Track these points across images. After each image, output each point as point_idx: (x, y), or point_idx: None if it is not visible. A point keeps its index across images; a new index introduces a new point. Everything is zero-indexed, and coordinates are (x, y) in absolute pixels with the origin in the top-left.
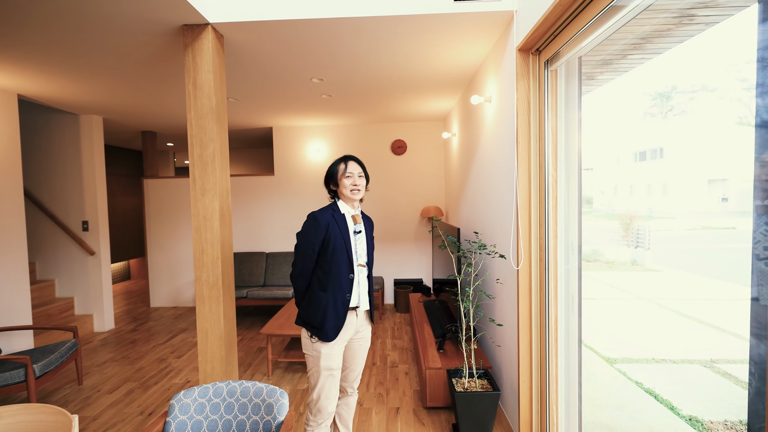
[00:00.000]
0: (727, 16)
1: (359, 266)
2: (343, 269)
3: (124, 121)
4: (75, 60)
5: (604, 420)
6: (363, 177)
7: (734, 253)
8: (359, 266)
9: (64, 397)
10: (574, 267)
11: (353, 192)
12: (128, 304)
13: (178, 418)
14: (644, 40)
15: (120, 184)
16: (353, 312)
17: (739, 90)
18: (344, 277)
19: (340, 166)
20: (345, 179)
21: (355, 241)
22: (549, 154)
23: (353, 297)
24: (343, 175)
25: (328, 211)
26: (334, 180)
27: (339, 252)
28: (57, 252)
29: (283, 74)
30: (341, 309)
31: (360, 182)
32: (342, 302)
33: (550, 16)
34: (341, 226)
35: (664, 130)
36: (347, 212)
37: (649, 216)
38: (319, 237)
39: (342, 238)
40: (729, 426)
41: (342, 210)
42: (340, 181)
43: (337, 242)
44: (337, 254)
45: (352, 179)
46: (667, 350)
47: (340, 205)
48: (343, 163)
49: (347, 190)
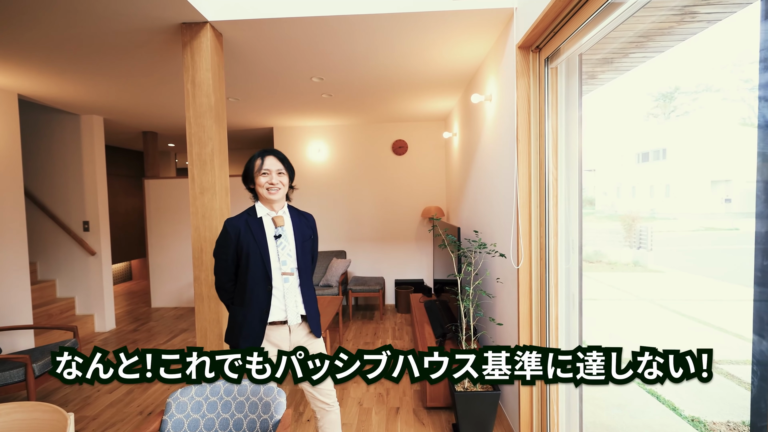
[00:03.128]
0: (729, 14)
1: (284, 275)
2: (259, 281)
3: (125, 122)
4: (75, 60)
5: (605, 420)
6: (284, 174)
7: (737, 255)
8: (284, 275)
9: (64, 396)
10: (574, 266)
11: (270, 191)
12: (129, 305)
13: (175, 416)
14: (645, 38)
15: (121, 184)
16: (281, 327)
17: (742, 91)
18: (260, 290)
19: (255, 162)
20: (260, 177)
21: (277, 246)
22: (549, 153)
23: (276, 311)
24: (259, 173)
25: (241, 216)
26: (250, 178)
27: (253, 262)
28: (58, 252)
29: (283, 73)
30: (258, 326)
31: (279, 180)
32: (260, 319)
33: (550, 13)
34: (255, 232)
35: (667, 131)
36: (266, 214)
37: (652, 217)
38: (230, 248)
39: (256, 244)
40: (732, 427)
41: (259, 213)
42: (255, 179)
43: (250, 250)
44: (251, 265)
45: (269, 177)
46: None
47: (258, 207)
48: (260, 158)
49: (263, 189)
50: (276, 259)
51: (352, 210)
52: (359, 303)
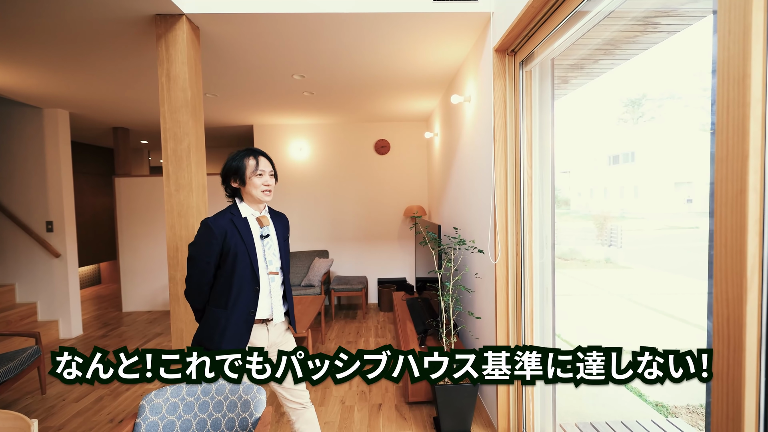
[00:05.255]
0: (687, 26)
1: (270, 274)
2: (245, 281)
3: (94, 117)
4: (39, 49)
5: (579, 409)
6: (274, 176)
7: (698, 252)
8: (270, 274)
9: (25, 407)
10: (548, 261)
11: (266, 193)
12: (98, 309)
13: (149, 419)
14: (613, 46)
15: (89, 183)
16: (262, 326)
17: (702, 98)
18: (248, 290)
19: (248, 161)
20: (256, 178)
21: (263, 246)
22: (524, 153)
23: (262, 310)
24: (254, 173)
25: (225, 216)
26: (240, 177)
27: (240, 262)
28: (18, 254)
29: (263, 70)
30: (244, 327)
31: (272, 182)
32: (246, 320)
33: (524, 18)
34: (243, 232)
35: (636, 135)
36: (251, 215)
37: (622, 217)
38: (215, 248)
39: (244, 245)
40: (691, 409)
41: (244, 213)
42: (248, 180)
43: (238, 251)
44: (239, 265)
45: (264, 178)
46: (637, 342)
47: (242, 207)
48: (253, 158)
49: (258, 191)
50: (263, 259)
51: (335, 209)
52: (342, 302)
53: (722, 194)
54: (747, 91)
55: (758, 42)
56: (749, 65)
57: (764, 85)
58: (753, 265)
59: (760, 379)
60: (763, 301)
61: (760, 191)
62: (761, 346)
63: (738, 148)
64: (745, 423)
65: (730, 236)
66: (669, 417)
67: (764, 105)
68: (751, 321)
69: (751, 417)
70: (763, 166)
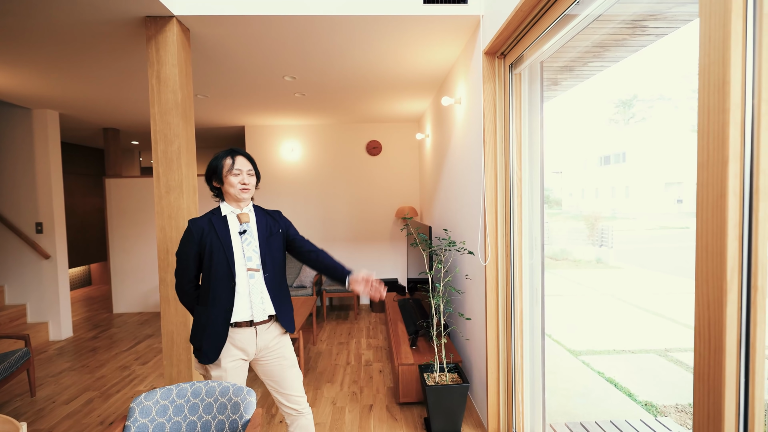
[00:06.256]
0: (674, 29)
1: (249, 270)
2: (221, 278)
3: (84, 117)
4: (27, 49)
5: (569, 408)
6: (253, 175)
7: (687, 251)
8: (249, 270)
9: (14, 410)
10: (537, 262)
11: (243, 191)
12: (89, 311)
13: (139, 421)
14: (602, 48)
15: (80, 184)
16: (246, 330)
17: (692, 100)
18: (223, 287)
19: (225, 161)
20: (232, 177)
21: (241, 242)
22: (514, 155)
23: (241, 309)
24: (230, 172)
25: (206, 216)
26: (218, 176)
27: (216, 259)
28: (7, 256)
29: (254, 71)
30: (221, 326)
31: (250, 181)
32: (223, 318)
33: (513, 21)
34: (219, 230)
35: (627, 136)
36: (231, 212)
37: (613, 217)
38: (193, 248)
39: (219, 241)
40: (679, 409)
41: (224, 211)
42: (225, 179)
43: (214, 248)
44: (215, 262)
45: (241, 177)
46: (627, 341)
47: (223, 206)
48: (230, 157)
49: (235, 189)
50: (241, 256)
51: (327, 210)
52: (334, 303)
53: (704, 198)
54: (727, 97)
55: (737, 49)
56: (728, 72)
57: (743, 91)
58: (732, 268)
59: (740, 380)
60: (743, 304)
61: (740, 196)
62: (740, 347)
63: (718, 153)
64: (725, 422)
65: (711, 240)
66: (658, 416)
67: (743, 111)
68: (731, 323)
69: (731, 417)
70: (743, 171)
